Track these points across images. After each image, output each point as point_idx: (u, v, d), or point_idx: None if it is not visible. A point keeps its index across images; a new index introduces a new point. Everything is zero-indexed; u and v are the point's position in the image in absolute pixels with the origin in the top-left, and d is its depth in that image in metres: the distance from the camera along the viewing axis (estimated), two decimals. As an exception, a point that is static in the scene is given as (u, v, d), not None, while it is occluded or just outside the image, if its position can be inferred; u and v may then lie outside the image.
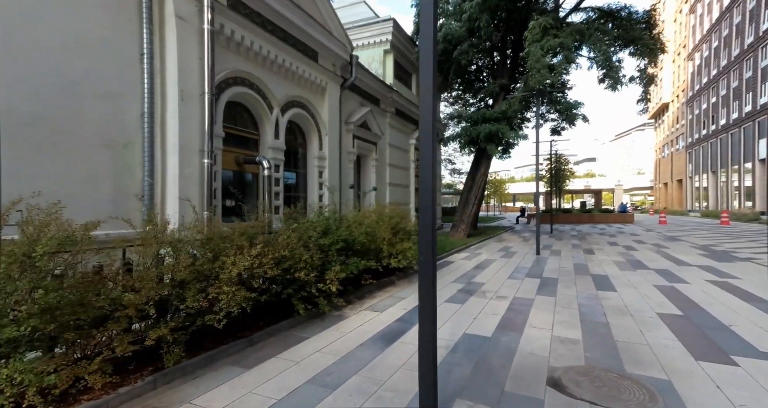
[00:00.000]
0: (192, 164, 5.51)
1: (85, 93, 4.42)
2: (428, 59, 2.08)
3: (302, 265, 3.60)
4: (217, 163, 6.27)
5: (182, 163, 5.37)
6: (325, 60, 9.53)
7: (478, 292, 5.61)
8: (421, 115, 2.13)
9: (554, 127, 20.47)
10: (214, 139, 6.01)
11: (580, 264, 8.34)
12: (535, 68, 9.60)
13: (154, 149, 5.14)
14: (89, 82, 4.46)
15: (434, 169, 2.24)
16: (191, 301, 2.74)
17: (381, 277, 5.95)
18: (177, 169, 5.30)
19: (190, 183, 5.47)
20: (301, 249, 3.69)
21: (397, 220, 6.09)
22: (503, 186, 54.66)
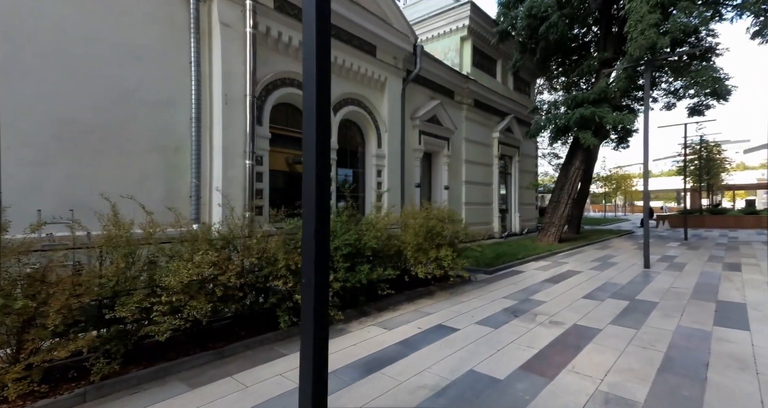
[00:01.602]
0: (235, 166, 5.85)
1: (139, 101, 5.02)
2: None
3: (282, 273, 3.31)
4: (264, 164, 6.56)
5: (225, 164, 5.74)
6: (385, 53, 9.21)
7: (528, 314, 4.51)
8: (305, 95, 1.60)
9: (694, 106, 16.00)
10: (256, 141, 6.30)
11: (707, 284, 6.11)
12: (636, 29, 7.35)
13: (202, 152, 5.60)
14: (142, 91, 5.06)
15: (324, 158, 1.68)
16: (123, 311, 2.59)
17: (413, 286, 5.32)
18: (221, 170, 5.67)
19: (233, 184, 5.81)
20: (281, 254, 3.40)
21: (434, 223, 5.35)
22: (629, 181, 46.11)
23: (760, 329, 3.90)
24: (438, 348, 3.35)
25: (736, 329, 3.93)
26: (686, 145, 14.77)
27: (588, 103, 10.49)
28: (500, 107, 15.08)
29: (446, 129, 12.10)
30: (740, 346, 3.47)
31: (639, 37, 7.32)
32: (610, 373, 2.90)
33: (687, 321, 4.21)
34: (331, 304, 3.64)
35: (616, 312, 4.59)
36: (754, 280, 6.40)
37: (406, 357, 3.16)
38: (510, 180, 16.60)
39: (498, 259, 8.59)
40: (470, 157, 13.62)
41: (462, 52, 13.49)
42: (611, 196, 43.47)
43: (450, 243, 5.53)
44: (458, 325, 4.01)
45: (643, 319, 4.32)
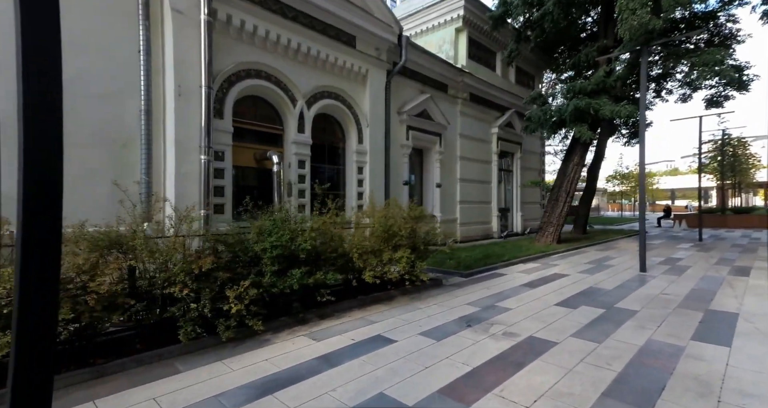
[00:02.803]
0: (190, 161, 5.61)
1: (81, 93, 4.80)
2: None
3: (180, 278, 2.99)
4: (226, 159, 6.31)
5: (179, 160, 5.51)
6: (365, 44, 8.84)
7: (484, 324, 4.07)
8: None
9: (711, 97, 14.93)
10: (216, 135, 6.05)
11: (703, 290, 5.49)
12: (627, 8, 6.66)
13: (153, 147, 5.38)
14: (85, 82, 4.82)
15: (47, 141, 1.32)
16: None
17: (370, 291, 4.94)
18: (174, 166, 5.44)
19: (187, 181, 5.58)
20: (176, 257, 3.07)
21: (392, 222, 4.94)
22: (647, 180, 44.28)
23: (742, 345, 3.34)
24: (359, 364, 2.98)
25: (714, 345, 3.39)
26: (701, 141, 13.76)
27: (586, 94, 9.83)
28: (500, 101, 14.46)
29: (438, 124, 11.63)
30: (711, 365, 2.95)
31: (630, 17, 6.66)
32: (541, 399, 2.47)
33: (661, 334, 3.69)
34: (250, 312, 3.30)
35: (584, 322, 4.10)
36: (760, 286, 5.72)
37: (316, 375, 2.79)
38: (511, 178, 15.94)
39: (483, 260, 8.11)
40: (466, 153, 13.09)
41: (457, 44, 12.95)
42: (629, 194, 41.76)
43: (411, 244, 5.12)
44: (398, 337, 3.62)
45: (611, 330, 3.82)
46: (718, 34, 14.07)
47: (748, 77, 14.03)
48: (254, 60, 6.68)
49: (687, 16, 13.95)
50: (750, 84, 14.04)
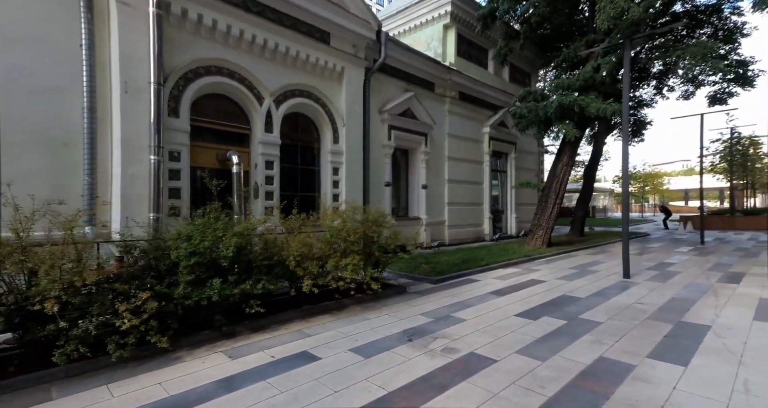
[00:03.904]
0: (138, 162, 5.40)
1: (15, 89, 4.61)
2: None
3: (54, 292, 2.66)
4: (183, 160, 6.10)
5: (126, 160, 5.30)
6: (341, 41, 8.57)
7: (427, 337, 3.75)
8: None
9: (715, 94, 14.28)
10: (171, 134, 5.84)
11: (683, 299, 5.05)
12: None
13: (98, 146, 5.18)
14: (20, 78, 4.62)
15: None
16: None
17: (319, 300, 4.64)
18: (120, 167, 5.24)
19: (136, 182, 5.37)
20: (44, 267, 2.72)
21: (341, 226, 4.64)
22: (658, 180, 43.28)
23: (700, 365, 2.96)
24: (262, 389, 2.68)
25: (670, 363, 3.01)
26: (703, 140, 13.14)
27: (575, 91, 9.40)
28: (492, 100, 14.05)
29: (423, 123, 11.29)
30: (656, 389, 2.58)
31: (608, 6, 6.24)
32: (444, 432, 2.14)
33: (616, 350, 3.32)
34: (151, 327, 3.00)
35: (537, 336, 3.74)
36: (747, 294, 5.26)
37: (203, 403, 2.46)
38: (505, 178, 15.50)
39: (461, 265, 7.75)
40: (455, 153, 12.72)
41: (445, 41, 12.61)
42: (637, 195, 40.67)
43: (364, 250, 4.80)
44: (325, 353, 3.32)
45: (562, 346, 3.46)
46: (723, 28, 13.46)
47: (753, 73, 13.42)
48: (215, 56, 6.46)
49: (689, 9, 13.40)
50: (755, 80, 13.41)
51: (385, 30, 13.73)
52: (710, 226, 20.23)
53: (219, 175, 6.89)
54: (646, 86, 15.73)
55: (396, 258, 5.42)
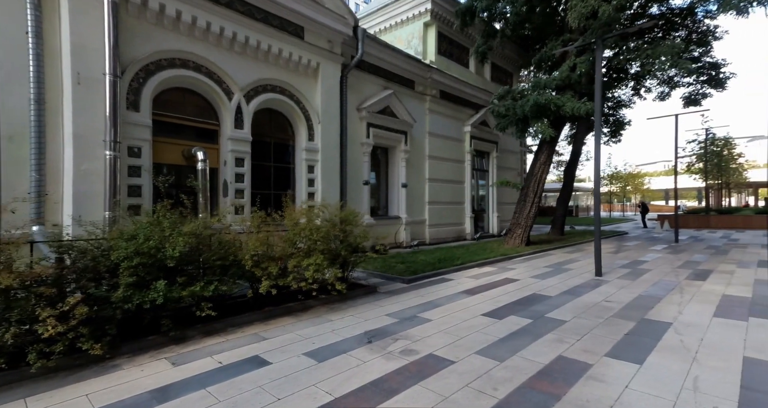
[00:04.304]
0: (93, 158, 5.13)
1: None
2: None
3: None
4: (144, 156, 5.83)
5: (78, 156, 5.03)
6: (316, 36, 8.39)
7: (387, 339, 3.63)
8: None
9: (690, 95, 14.62)
10: (130, 129, 5.58)
11: (649, 297, 5.07)
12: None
13: (47, 141, 4.90)
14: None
15: None
16: None
17: (282, 301, 4.47)
18: (72, 163, 4.96)
19: (90, 179, 5.10)
20: None
21: (305, 224, 4.48)
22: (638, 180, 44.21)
23: (655, 363, 2.93)
24: (199, 398, 2.50)
25: (626, 362, 2.97)
26: (677, 140, 13.43)
27: (552, 90, 9.44)
28: (473, 99, 14.05)
29: (402, 121, 11.19)
30: (608, 389, 2.53)
31: (579, 4, 6.25)
32: (383, 440, 2.02)
33: (576, 349, 3.26)
34: (81, 334, 2.79)
35: (500, 336, 3.67)
36: (711, 291, 5.32)
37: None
38: (487, 178, 15.55)
39: (436, 264, 7.67)
40: (435, 152, 12.67)
41: (426, 39, 12.54)
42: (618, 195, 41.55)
43: (328, 249, 4.66)
44: (277, 358, 3.17)
45: (523, 345, 3.39)
46: (696, 31, 13.77)
47: (724, 75, 13.79)
48: (179, 48, 6.20)
49: (664, 11, 13.65)
50: (726, 82, 13.78)
51: (366, 27, 13.66)
52: (686, 225, 20.77)
53: (185, 173, 6.72)
54: (624, 87, 15.99)
55: (365, 258, 5.28)
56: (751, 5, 6.38)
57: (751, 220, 19.75)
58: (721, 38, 13.71)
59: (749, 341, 3.37)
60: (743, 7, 6.32)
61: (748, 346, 3.24)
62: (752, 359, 2.99)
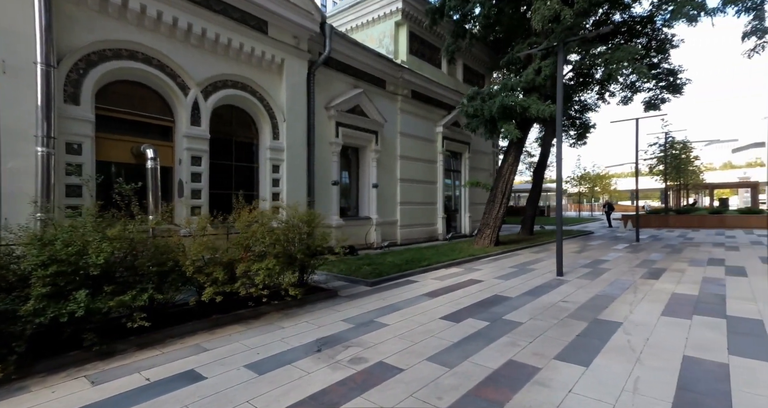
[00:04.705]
0: (21, 154, 4.68)
1: None
2: None
3: None
4: (86, 153, 5.40)
5: (5, 152, 4.58)
6: (280, 31, 8.11)
7: (338, 347, 3.48)
8: None
9: (650, 100, 15.30)
10: (67, 124, 5.15)
11: (605, 296, 5.18)
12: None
13: (-33, 137, 4.42)
14: None
15: None
16: None
17: (233, 308, 4.22)
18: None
19: (19, 177, 4.65)
20: None
21: (256, 228, 4.25)
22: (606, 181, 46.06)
23: (601, 365, 2.93)
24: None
25: (574, 364, 2.96)
26: (638, 142, 14.01)
27: (519, 92, 9.57)
28: (445, 100, 14.11)
29: (373, 121, 11.06)
30: (551, 394, 2.49)
31: (542, 7, 6.36)
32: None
33: (527, 353, 3.23)
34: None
35: (455, 340, 3.59)
36: (662, 290, 5.50)
37: None
38: (459, 178, 15.67)
39: (403, 266, 7.58)
40: (407, 152, 12.62)
41: (397, 38, 12.46)
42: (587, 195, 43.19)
43: (283, 253, 4.45)
44: (214, 371, 2.94)
45: (476, 350, 3.32)
46: (656, 39, 14.42)
47: (681, 81, 14.52)
48: (126, 38, 5.80)
49: (626, 19, 14.20)
50: (683, 88, 14.51)
51: (337, 24, 13.45)
52: (648, 225, 21.75)
53: (136, 171, 6.29)
54: (590, 91, 16.55)
55: (325, 261, 5.10)
56: (699, 16, 6.71)
57: (705, 220, 20.93)
58: (677, 46, 14.42)
59: (690, 339, 3.46)
60: (693, 15, 6.64)
61: (689, 345, 3.32)
62: (691, 358, 3.05)
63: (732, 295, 5.09)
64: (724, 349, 3.22)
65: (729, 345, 3.31)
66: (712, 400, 2.40)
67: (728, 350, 3.19)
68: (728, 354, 3.11)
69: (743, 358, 3.04)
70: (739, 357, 3.05)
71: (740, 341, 3.42)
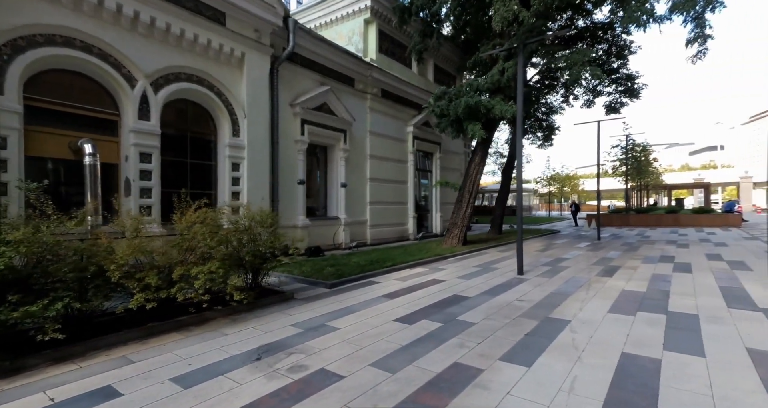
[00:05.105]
0: (-68, 147, 4.19)
1: None
2: None
3: None
4: (12, 147, 4.93)
5: None
6: (240, 24, 7.78)
7: (280, 354, 3.30)
8: None
9: (610, 104, 15.94)
10: (-13, 116, 4.67)
11: (559, 294, 5.26)
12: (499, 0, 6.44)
13: None
14: None
15: None
16: None
17: (184, 313, 3.94)
18: None
19: (-72, 172, 4.16)
20: None
21: (198, 228, 3.99)
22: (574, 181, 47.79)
23: (543, 364, 2.92)
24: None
25: (516, 365, 2.93)
26: (599, 144, 14.56)
27: (485, 92, 9.66)
28: (416, 99, 14.10)
29: (341, 119, 10.87)
30: (491, 397, 2.44)
31: (501, 8, 6.43)
32: None
33: (473, 354, 3.18)
34: None
35: (403, 343, 3.50)
36: (613, 287, 5.66)
37: None
38: (431, 178, 15.73)
39: (367, 266, 7.44)
40: (377, 152, 12.50)
41: (366, 36, 12.32)
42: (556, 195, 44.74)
43: (230, 255, 4.21)
44: (134, 387, 2.70)
45: (423, 353, 3.24)
46: (616, 44, 15.04)
47: (638, 86, 15.23)
48: (61, 24, 5.35)
49: (588, 25, 14.72)
50: (640, 92, 15.22)
51: (306, 20, 13.16)
52: (610, 223, 22.71)
53: (75, 168, 5.82)
54: (556, 93, 17.05)
55: (277, 263, 4.88)
56: (649, 21, 7.02)
57: (661, 219, 22.07)
58: (635, 52, 15.11)
59: (631, 336, 3.53)
60: (643, 20, 6.92)
61: (629, 342, 3.38)
62: (628, 354, 3.09)
63: (675, 291, 5.30)
64: (660, 344, 3.30)
65: (665, 340, 3.40)
66: (640, 398, 2.42)
67: (664, 346, 3.27)
68: (663, 350, 3.18)
69: (676, 353, 3.12)
70: (672, 352, 3.13)
71: (676, 336, 3.52)
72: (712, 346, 3.25)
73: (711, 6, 7.26)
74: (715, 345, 3.28)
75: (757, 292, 5.25)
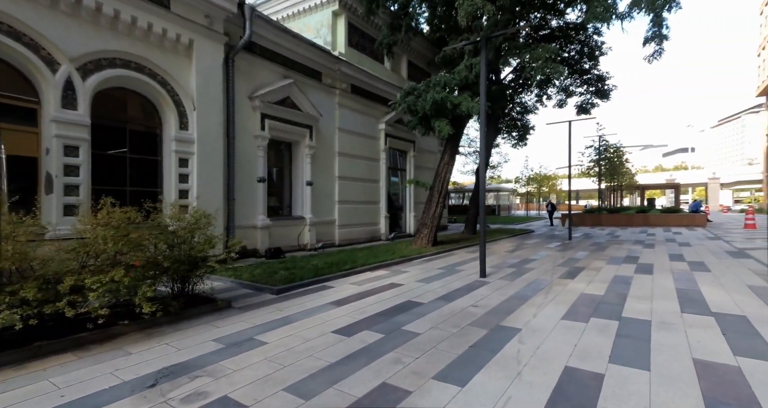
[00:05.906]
0: None
1: None
2: None
3: None
4: None
5: None
6: (187, 8, 7.19)
7: (183, 378, 2.84)
8: None
9: (581, 104, 16.03)
10: None
11: (517, 298, 4.98)
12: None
13: None
14: None
15: None
16: None
17: (73, 331, 3.40)
18: None
19: None
20: None
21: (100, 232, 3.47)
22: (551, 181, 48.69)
23: (478, 382, 2.59)
24: None
25: (450, 384, 2.59)
26: (571, 144, 14.60)
27: (453, 89, 9.38)
28: (388, 96, 13.70)
29: (306, 115, 10.37)
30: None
31: (466, 2, 6.15)
32: None
33: (405, 372, 2.81)
34: None
35: (332, 360, 3.10)
36: (573, 290, 5.44)
37: None
38: (404, 177, 15.40)
39: (324, 269, 7.00)
40: (347, 149, 12.06)
41: (335, 29, 11.86)
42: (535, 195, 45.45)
43: (148, 261, 3.69)
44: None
45: (351, 372, 2.85)
46: (588, 45, 15.12)
47: (608, 87, 15.38)
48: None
49: (561, 25, 14.73)
50: (610, 93, 15.36)
51: (272, 11, 12.56)
52: (583, 223, 23.04)
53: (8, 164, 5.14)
54: (530, 93, 17.04)
55: (207, 268, 4.39)
56: (611, 18, 6.90)
57: (632, 219, 22.53)
58: (606, 53, 15.22)
59: (579, 346, 3.26)
60: (605, 16, 6.79)
61: (574, 353, 3.10)
62: (571, 369, 2.81)
63: (633, 294, 5.12)
64: (606, 356, 3.03)
65: (612, 351, 3.14)
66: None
67: (609, 358, 3.00)
68: (608, 362, 2.91)
69: (620, 365, 2.86)
70: (617, 365, 2.87)
71: (624, 345, 3.27)
72: (658, 357, 3.00)
73: (668, 6, 7.22)
74: (661, 356, 3.04)
75: (711, 294, 5.13)
